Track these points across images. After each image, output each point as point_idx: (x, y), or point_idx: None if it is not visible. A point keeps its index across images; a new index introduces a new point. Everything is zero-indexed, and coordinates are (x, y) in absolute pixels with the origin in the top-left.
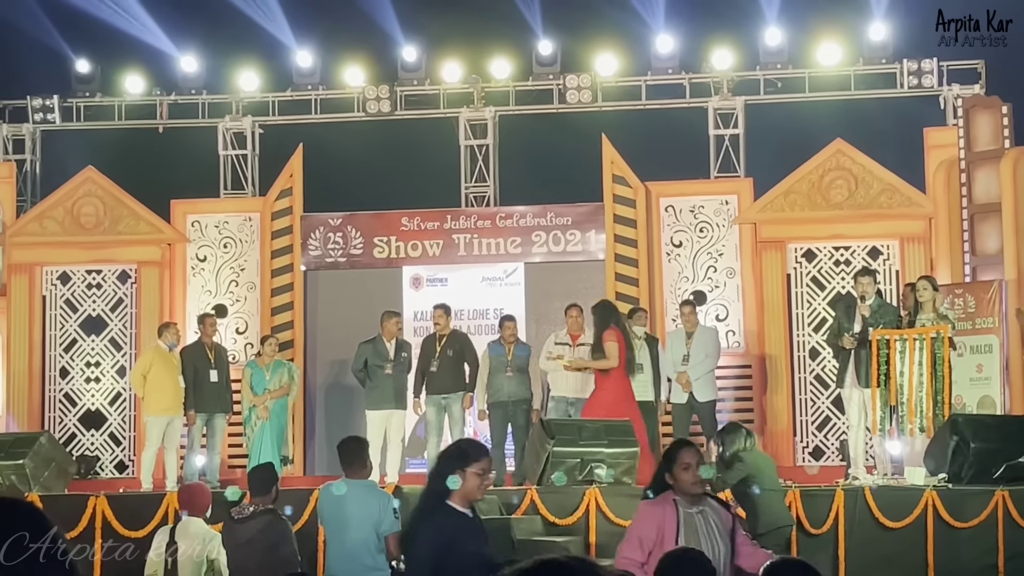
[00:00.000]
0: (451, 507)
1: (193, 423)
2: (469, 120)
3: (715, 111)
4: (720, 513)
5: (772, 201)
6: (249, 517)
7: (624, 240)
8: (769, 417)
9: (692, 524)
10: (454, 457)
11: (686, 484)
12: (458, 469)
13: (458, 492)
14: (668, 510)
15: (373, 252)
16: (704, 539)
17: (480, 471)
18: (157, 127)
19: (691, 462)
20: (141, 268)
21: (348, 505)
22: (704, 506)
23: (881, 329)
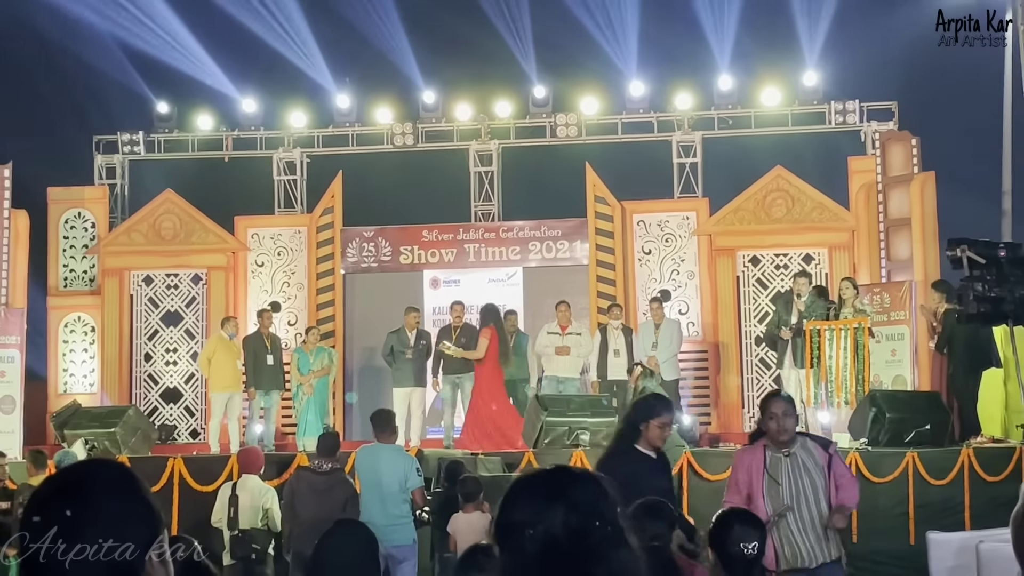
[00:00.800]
0: (637, 449)
1: (253, 398)
2: (477, 151)
3: (678, 143)
4: (815, 452)
5: (724, 216)
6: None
7: (604, 248)
8: (722, 393)
9: (777, 465)
10: (641, 409)
11: (771, 432)
12: (643, 420)
13: (643, 438)
14: (757, 454)
15: (399, 259)
16: (787, 478)
17: (661, 424)
18: (223, 157)
19: (776, 412)
20: (210, 272)
21: (380, 463)
22: (795, 448)
23: (813, 321)
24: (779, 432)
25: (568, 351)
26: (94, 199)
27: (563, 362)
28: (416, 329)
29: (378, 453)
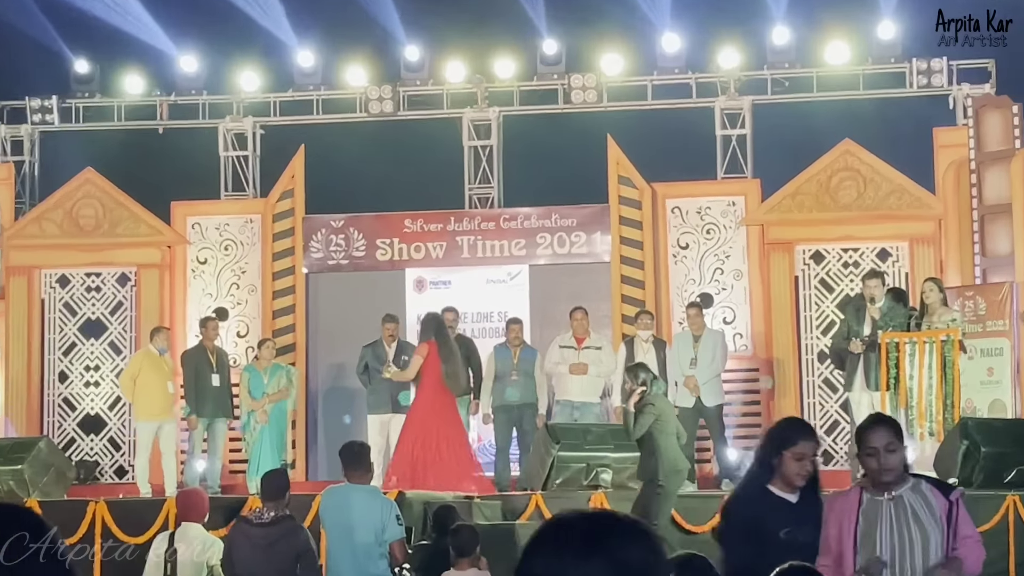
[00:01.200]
0: (770, 491)
1: (194, 428)
2: (472, 121)
3: (722, 111)
4: (931, 498)
5: (780, 202)
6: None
7: (630, 242)
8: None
9: (876, 511)
10: (775, 438)
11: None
12: (777, 452)
13: (777, 475)
14: (851, 499)
15: (376, 254)
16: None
17: (798, 455)
18: (157, 128)
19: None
20: (141, 271)
21: (352, 509)
22: (903, 490)
23: (890, 332)
24: (880, 471)
25: (585, 369)
26: None
27: (579, 383)
28: (397, 342)
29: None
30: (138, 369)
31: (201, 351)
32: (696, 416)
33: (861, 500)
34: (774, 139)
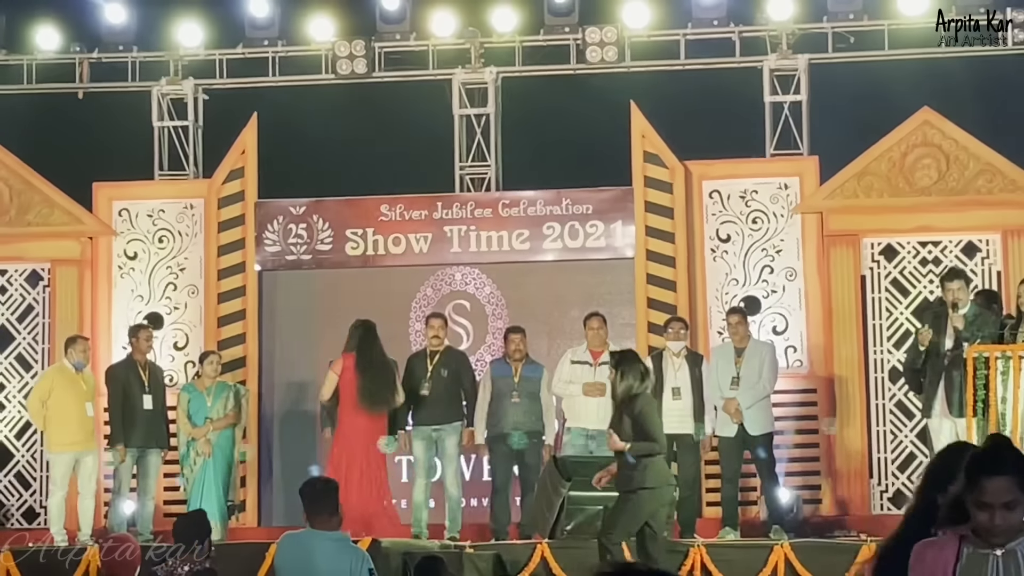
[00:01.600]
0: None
1: (122, 461)
2: (465, 83)
3: (772, 73)
4: None
5: (843, 185)
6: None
7: (658, 233)
8: (839, 454)
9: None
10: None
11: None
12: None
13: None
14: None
15: (345, 248)
16: None
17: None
18: (76, 92)
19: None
20: (56, 268)
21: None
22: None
23: (979, 344)
24: (993, 530)
25: (603, 390)
26: None
27: (595, 407)
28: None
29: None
30: (49, 388)
31: (130, 366)
32: (739, 448)
33: (960, 555)
34: (836, 107)
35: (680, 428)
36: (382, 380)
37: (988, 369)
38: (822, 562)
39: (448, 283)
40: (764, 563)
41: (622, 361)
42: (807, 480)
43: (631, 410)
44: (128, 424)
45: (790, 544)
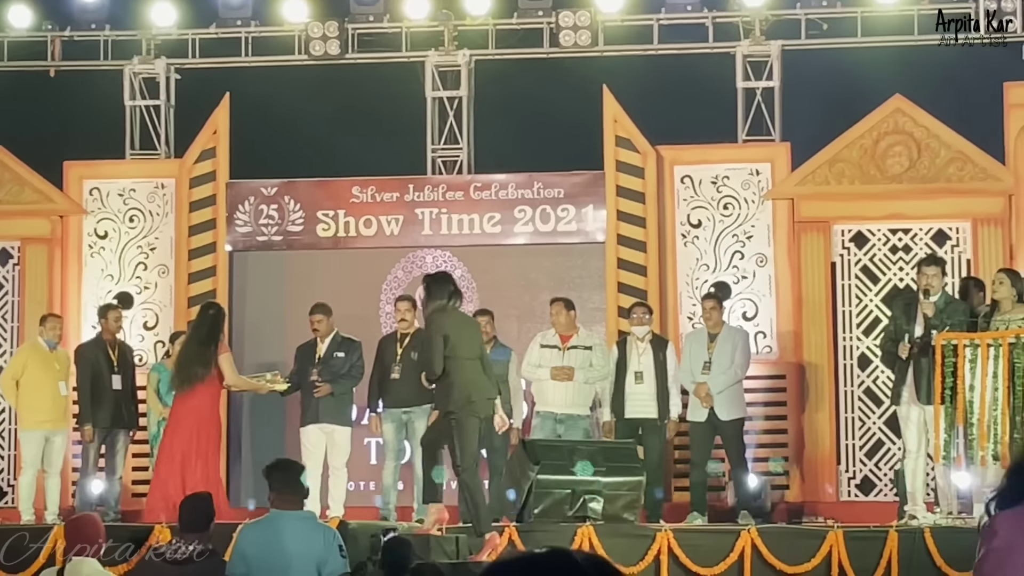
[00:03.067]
0: None
1: (89, 440)
2: (438, 66)
3: (744, 58)
4: None
5: (814, 172)
6: (186, 559)
7: (629, 218)
8: (808, 440)
9: None
10: None
11: None
12: None
13: None
14: None
15: (316, 229)
16: None
17: None
18: (47, 70)
19: None
20: (25, 246)
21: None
22: None
23: (948, 332)
24: None
25: (571, 374)
26: None
27: (564, 391)
28: (333, 337)
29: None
30: (22, 366)
31: (100, 346)
32: (710, 433)
33: None
34: (808, 94)
35: (644, 412)
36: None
37: (956, 357)
38: (789, 547)
39: (419, 265)
40: (731, 548)
41: (431, 282)
42: (775, 466)
43: None
44: (96, 404)
45: (757, 529)
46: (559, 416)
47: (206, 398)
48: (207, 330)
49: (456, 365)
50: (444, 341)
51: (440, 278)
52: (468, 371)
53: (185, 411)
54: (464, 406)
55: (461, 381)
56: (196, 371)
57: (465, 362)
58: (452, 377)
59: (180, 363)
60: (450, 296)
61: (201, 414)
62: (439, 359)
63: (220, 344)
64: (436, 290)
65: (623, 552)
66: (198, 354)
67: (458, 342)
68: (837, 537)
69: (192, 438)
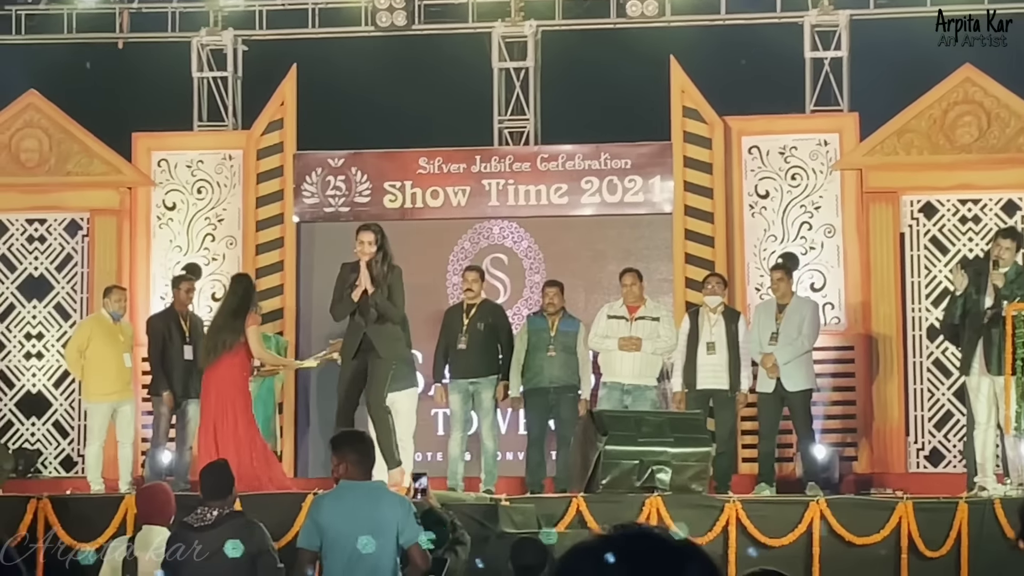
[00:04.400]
0: None
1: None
2: (504, 37)
3: (812, 28)
4: None
5: (883, 142)
6: (213, 523)
7: (697, 189)
8: (876, 411)
9: None
10: None
11: None
12: None
13: None
14: None
15: (383, 200)
16: None
17: None
18: (116, 42)
19: None
20: (95, 217)
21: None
22: None
23: (1018, 303)
24: None
25: (639, 345)
26: None
27: (631, 361)
28: None
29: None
30: (87, 338)
31: (171, 317)
32: (778, 404)
33: None
34: (877, 63)
35: (715, 383)
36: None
37: None
38: (858, 519)
39: (486, 237)
40: (800, 519)
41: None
42: (844, 437)
43: None
44: (168, 374)
45: (826, 501)
46: (626, 387)
47: (232, 368)
48: (238, 301)
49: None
50: None
51: None
52: None
53: (211, 381)
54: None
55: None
56: (223, 340)
57: None
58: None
59: (209, 333)
60: None
61: (224, 384)
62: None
63: (250, 315)
64: None
65: (691, 523)
66: (227, 324)
67: None
68: (906, 508)
69: (217, 407)
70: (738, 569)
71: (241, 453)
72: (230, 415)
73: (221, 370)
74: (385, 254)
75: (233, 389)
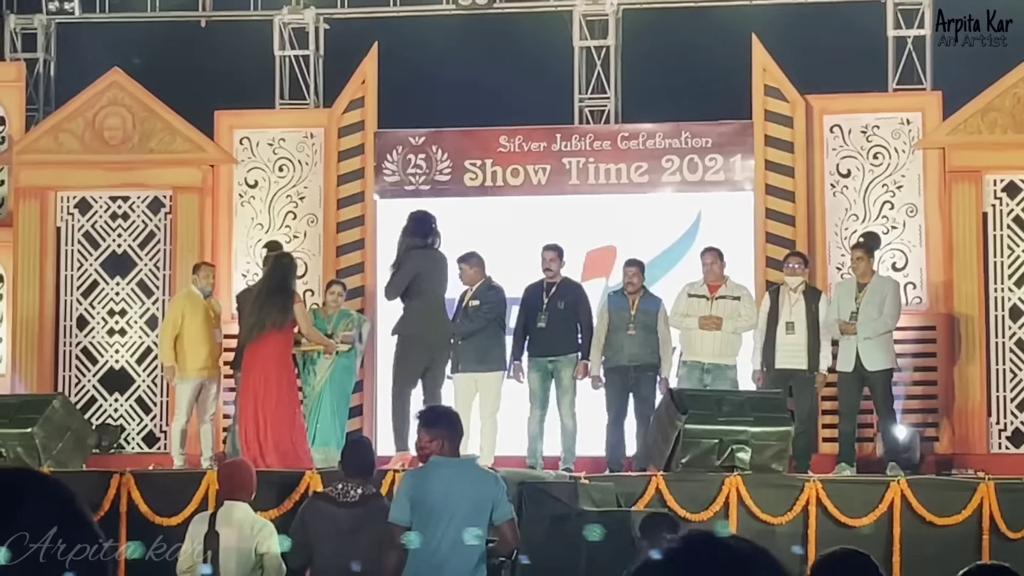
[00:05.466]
0: None
1: None
2: (585, 15)
3: (895, 5)
4: None
5: (967, 121)
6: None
7: (778, 167)
8: (958, 392)
9: None
10: None
11: None
12: None
13: None
14: None
15: (464, 178)
16: None
17: None
18: (199, 20)
19: None
20: (177, 195)
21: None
22: None
23: None
24: None
25: (719, 324)
26: (4, 81)
27: (711, 340)
28: (481, 283)
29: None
30: (179, 315)
31: None
32: (858, 383)
33: None
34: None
35: (794, 363)
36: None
37: None
38: (939, 499)
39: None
40: (880, 499)
41: (413, 220)
42: (925, 418)
43: None
44: None
45: (907, 481)
46: (706, 365)
47: (279, 345)
48: (279, 279)
49: (420, 299)
50: (415, 277)
51: (421, 218)
52: (428, 305)
53: (256, 356)
54: (412, 333)
55: (416, 312)
56: (273, 319)
57: (428, 298)
58: (413, 305)
59: (252, 309)
60: (428, 236)
61: (269, 361)
62: (397, 289)
63: (294, 294)
64: (417, 228)
65: (771, 503)
66: (275, 302)
67: (426, 280)
68: (988, 489)
69: (262, 382)
70: (818, 548)
71: (282, 429)
72: (273, 391)
73: (268, 347)
74: None
75: (278, 366)
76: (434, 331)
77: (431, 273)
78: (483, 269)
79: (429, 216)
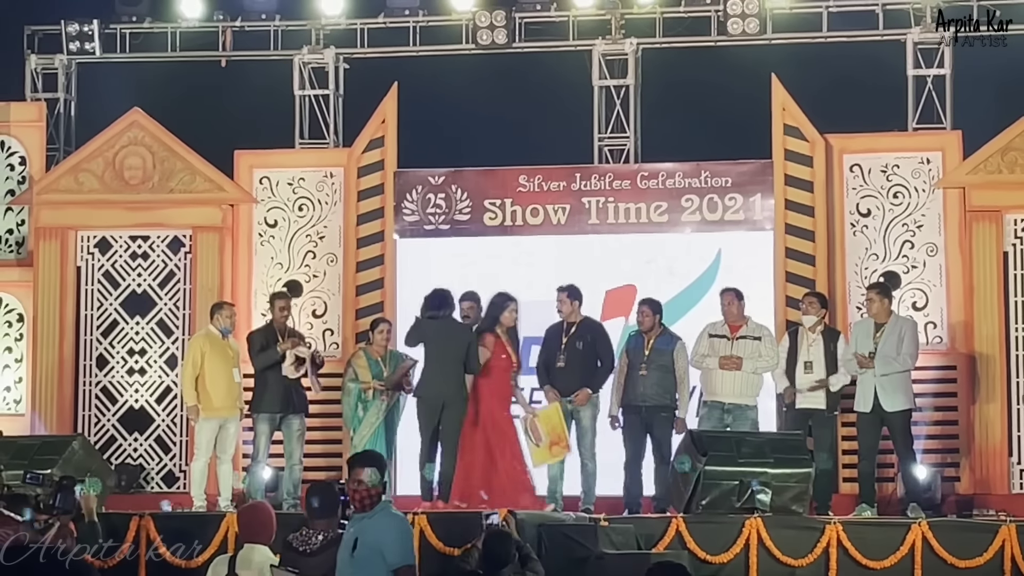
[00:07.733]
0: None
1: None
2: (605, 55)
3: (915, 46)
4: None
5: (986, 160)
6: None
7: (797, 207)
8: (978, 432)
9: None
10: None
11: None
12: None
13: None
14: None
15: (483, 218)
16: None
17: None
18: (219, 60)
19: None
20: (197, 234)
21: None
22: None
23: None
24: None
25: (739, 364)
26: (25, 121)
27: (731, 380)
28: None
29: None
30: (200, 355)
31: (270, 332)
32: (876, 423)
33: None
34: (981, 81)
35: (813, 403)
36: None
37: None
38: (961, 541)
39: (586, 254)
40: (901, 541)
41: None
42: (945, 458)
43: None
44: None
45: (928, 523)
46: (727, 406)
47: None
48: None
49: (428, 364)
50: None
51: (437, 295)
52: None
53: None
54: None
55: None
56: None
57: (434, 363)
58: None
59: None
60: (440, 308)
61: None
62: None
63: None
64: (432, 302)
65: (792, 544)
66: None
67: (433, 347)
68: (1010, 531)
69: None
70: None
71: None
72: None
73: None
74: None
75: None
76: (443, 390)
77: (436, 338)
78: None
79: (445, 292)
